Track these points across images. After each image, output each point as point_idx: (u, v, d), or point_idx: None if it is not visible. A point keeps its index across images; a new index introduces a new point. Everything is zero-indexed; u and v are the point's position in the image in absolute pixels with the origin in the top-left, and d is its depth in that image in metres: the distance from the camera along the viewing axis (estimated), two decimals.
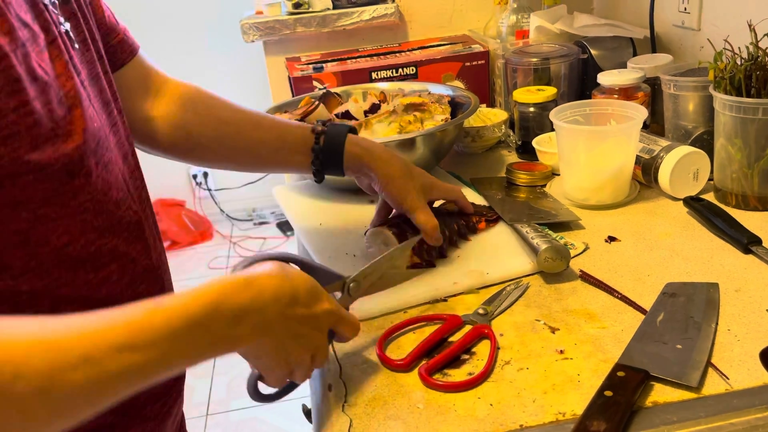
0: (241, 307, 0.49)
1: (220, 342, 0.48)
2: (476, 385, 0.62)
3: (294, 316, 0.53)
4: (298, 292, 0.54)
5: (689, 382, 0.58)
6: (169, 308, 0.45)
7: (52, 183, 0.53)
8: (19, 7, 0.52)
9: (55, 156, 0.53)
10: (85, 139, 0.56)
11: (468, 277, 0.79)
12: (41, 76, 0.52)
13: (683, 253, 0.80)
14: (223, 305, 0.48)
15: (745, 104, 0.84)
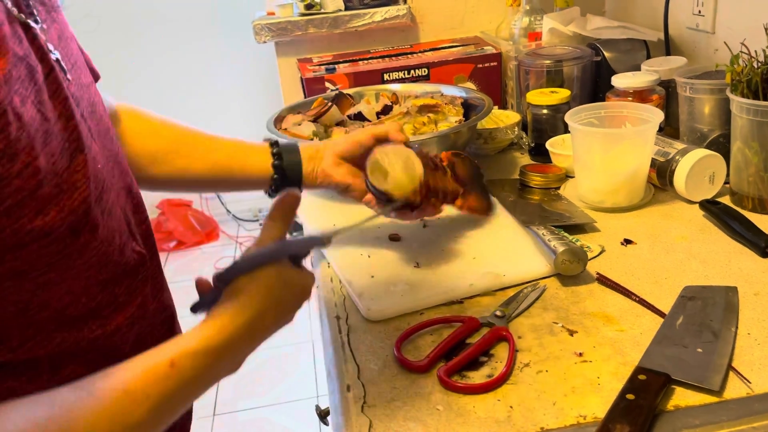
0: (244, 354, 0.53)
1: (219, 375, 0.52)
2: (496, 387, 0.61)
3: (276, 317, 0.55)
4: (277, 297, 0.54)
5: (711, 385, 0.58)
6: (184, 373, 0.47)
7: (57, 246, 0.48)
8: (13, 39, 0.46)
9: (60, 216, 0.47)
10: (89, 189, 0.50)
11: (484, 278, 0.79)
12: (43, 123, 0.46)
13: (700, 257, 0.80)
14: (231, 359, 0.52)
15: (762, 107, 0.84)
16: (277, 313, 0.54)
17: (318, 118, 1.10)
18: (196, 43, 3.02)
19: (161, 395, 0.46)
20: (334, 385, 0.65)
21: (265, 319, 0.53)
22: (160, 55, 3.00)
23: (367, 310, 0.75)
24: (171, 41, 2.99)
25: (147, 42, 2.93)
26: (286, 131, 1.06)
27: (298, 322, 2.47)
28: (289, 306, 0.56)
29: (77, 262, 0.50)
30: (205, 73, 3.07)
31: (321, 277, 0.86)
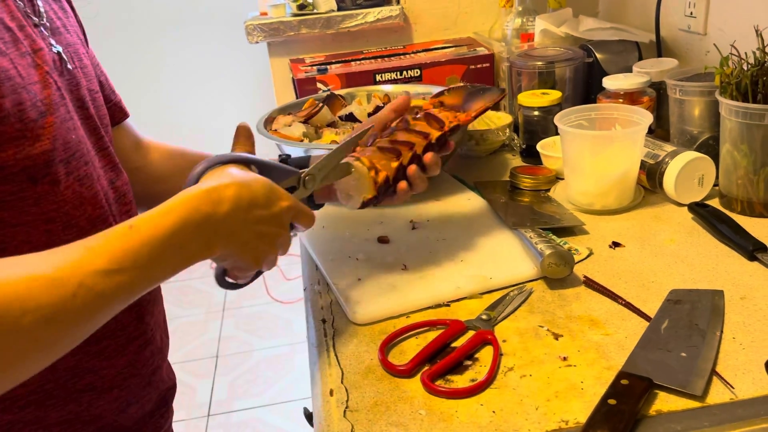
0: (204, 218, 0.52)
1: (193, 255, 0.52)
2: (479, 391, 0.61)
3: (255, 218, 0.57)
4: (256, 196, 0.57)
5: (693, 390, 0.57)
6: (143, 230, 0.49)
7: (11, 186, 0.52)
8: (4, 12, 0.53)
9: (16, 158, 0.51)
10: (54, 147, 0.54)
11: (471, 281, 0.79)
12: (14, 77, 0.52)
13: (688, 260, 0.80)
14: (189, 220, 0.51)
15: (751, 110, 0.83)
16: (244, 201, 0.56)
17: (309, 119, 1.10)
18: (189, 43, 3.02)
19: (122, 251, 0.47)
20: (317, 389, 0.65)
21: (226, 197, 0.55)
22: (153, 55, 3.00)
23: (354, 314, 0.75)
24: (163, 41, 2.98)
25: (139, 42, 2.93)
26: (276, 132, 1.06)
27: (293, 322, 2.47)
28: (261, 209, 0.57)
29: (33, 209, 0.54)
30: (198, 74, 3.07)
31: (308, 279, 0.86)
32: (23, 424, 0.57)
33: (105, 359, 0.61)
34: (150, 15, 2.90)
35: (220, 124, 3.16)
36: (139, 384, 0.66)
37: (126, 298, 0.48)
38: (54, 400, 0.58)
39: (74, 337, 0.45)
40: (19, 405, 0.56)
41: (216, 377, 2.27)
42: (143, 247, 0.48)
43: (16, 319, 0.40)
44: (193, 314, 2.64)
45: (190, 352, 2.41)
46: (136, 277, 0.48)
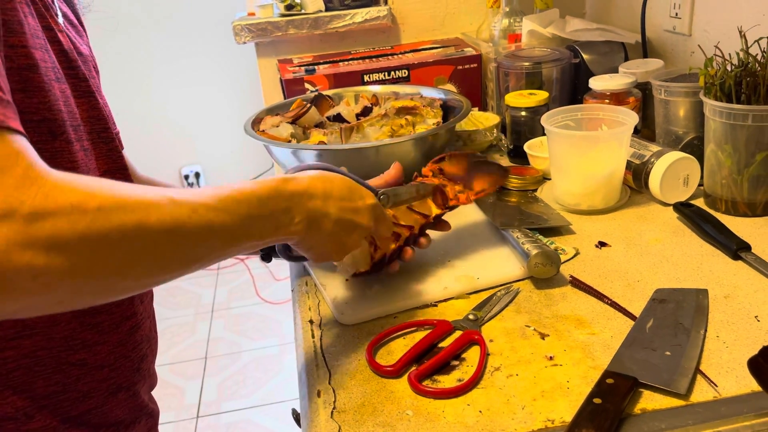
0: (292, 197, 0.56)
1: (279, 227, 0.55)
2: (466, 391, 0.61)
3: (339, 208, 0.61)
4: (339, 189, 0.61)
5: (678, 389, 0.58)
6: (243, 189, 0.52)
7: (33, 135, 0.53)
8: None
9: (39, 108, 0.53)
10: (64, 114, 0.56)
11: (458, 282, 0.79)
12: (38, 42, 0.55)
13: (673, 259, 0.81)
14: (281, 194, 0.55)
15: (735, 110, 0.84)
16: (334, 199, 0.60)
17: (296, 120, 1.10)
18: (177, 44, 3.00)
19: (228, 197, 0.50)
20: (305, 390, 0.65)
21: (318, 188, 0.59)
22: (140, 55, 2.98)
23: (341, 315, 0.75)
24: (150, 41, 2.97)
25: (127, 42, 2.91)
26: (264, 133, 1.06)
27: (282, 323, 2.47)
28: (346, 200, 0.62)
29: (50, 162, 0.55)
30: (186, 74, 3.05)
31: (296, 280, 0.86)
32: (12, 389, 0.56)
33: (99, 333, 0.62)
34: (137, 15, 2.89)
35: (208, 124, 3.16)
36: (129, 368, 0.66)
37: (226, 243, 0.50)
38: (43, 367, 0.58)
39: (183, 259, 0.47)
40: (8, 367, 0.56)
41: (205, 378, 2.26)
42: (243, 202, 0.51)
43: (142, 217, 0.42)
44: (181, 315, 2.63)
45: (178, 353, 2.40)
46: (236, 226, 0.50)
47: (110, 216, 0.40)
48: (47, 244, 0.37)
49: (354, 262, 0.77)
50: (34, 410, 0.58)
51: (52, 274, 0.38)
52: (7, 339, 0.55)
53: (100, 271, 0.40)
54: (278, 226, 0.55)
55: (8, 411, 0.56)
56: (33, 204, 0.37)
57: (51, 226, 0.38)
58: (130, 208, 0.42)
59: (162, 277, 0.46)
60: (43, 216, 0.37)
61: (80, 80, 0.61)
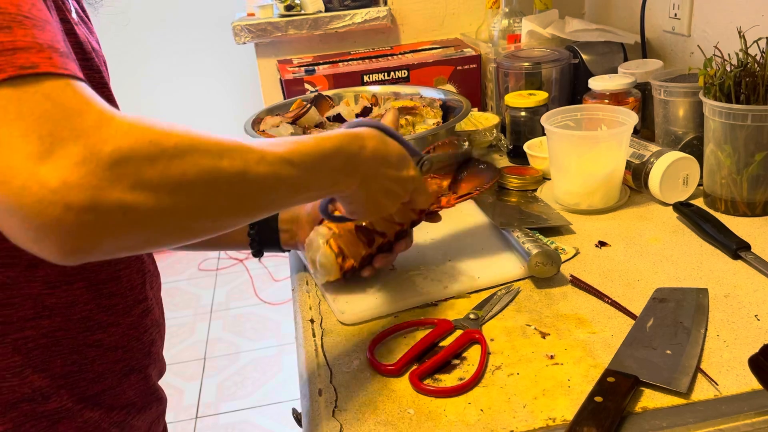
0: (352, 154, 0.58)
1: (337, 181, 0.57)
2: (467, 390, 0.62)
3: (385, 174, 0.62)
4: (391, 155, 0.63)
5: (678, 387, 0.58)
6: (310, 143, 0.54)
7: None
8: None
9: None
10: None
11: (459, 281, 0.79)
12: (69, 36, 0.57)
13: (673, 259, 0.81)
14: (342, 149, 0.57)
15: (734, 110, 0.84)
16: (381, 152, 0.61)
17: (296, 120, 1.10)
18: (176, 44, 3.00)
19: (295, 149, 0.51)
20: (306, 389, 0.65)
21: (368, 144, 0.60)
22: (140, 56, 2.98)
23: (341, 314, 0.75)
24: (150, 41, 2.97)
25: (127, 42, 2.91)
26: (264, 133, 1.06)
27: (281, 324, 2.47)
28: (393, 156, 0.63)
29: None
30: (186, 74, 3.05)
31: (296, 279, 0.86)
32: (32, 369, 0.57)
33: (113, 315, 0.63)
34: (137, 15, 2.89)
35: (208, 124, 3.15)
36: (140, 351, 0.67)
37: (289, 192, 0.52)
38: (61, 348, 0.59)
39: (251, 204, 0.48)
40: (29, 346, 0.57)
41: (204, 379, 2.26)
42: (309, 155, 0.53)
43: (215, 158, 0.43)
44: (180, 316, 2.62)
45: (177, 354, 2.39)
46: (300, 177, 0.52)
47: (186, 156, 0.42)
48: (132, 180, 0.38)
49: (325, 271, 0.77)
50: (52, 390, 0.59)
51: (139, 210, 0.39)
52: (27, 319, 0.56)
53: (181, 208, 0.42)
54: (335, 182, 0.57)
55: (26, 391, 0.57)
56: (115, 142, 0.38)
57: (133, 163, 0.39)
58: (204, 149, 0.43)
59: (235, 219, 0.47)
60: (126, 153, 0.38)
61: (95, 72, 0.62)
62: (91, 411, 0.62)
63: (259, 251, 0.85)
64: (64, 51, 0.42)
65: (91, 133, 0.38)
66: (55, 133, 0.37)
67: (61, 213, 0.36)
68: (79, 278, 0.59)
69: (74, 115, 0.38)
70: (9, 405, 0.57)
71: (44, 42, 0.41)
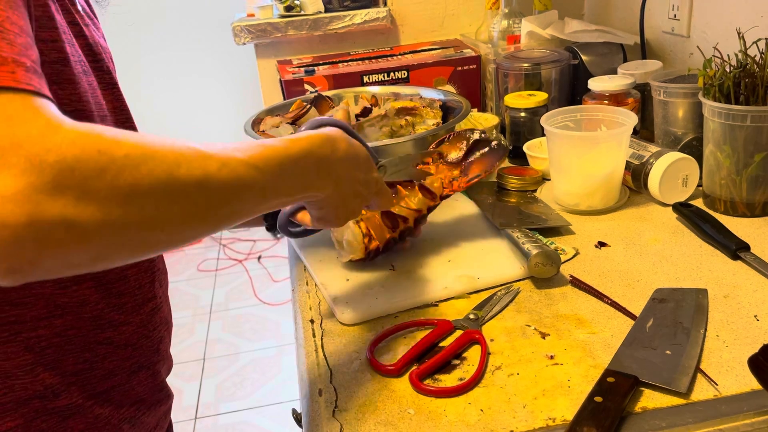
0: (323, 157, 0.56)
1: (308, 185, 0.56)
2: (467, 390, 0.62)
3: (355, 177, 0.61)
4: (359, 158, 0.62)
5: (678, 387, 0.58)
6: (275, 147, 0.52)
7: None
8: None
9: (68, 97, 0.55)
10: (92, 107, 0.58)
11: (459, 281, 0.79)
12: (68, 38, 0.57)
13: (672, 259, 0.81)
14: (312, 152, 0.55)
15: (733, 111, 0.85)
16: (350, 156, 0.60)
17: (296, 121, 1.10)
18: (176, 44, 3.01)
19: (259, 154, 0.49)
20: (306, 390, 0.65)
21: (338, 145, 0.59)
22: (140, 56, 2.98)
23: (342, 314, 0.75)
24: (150, 42, 2.97)
25: (126, 42, 2.91)
26: (264, 134, 1.06)
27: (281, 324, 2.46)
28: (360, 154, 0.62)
29: None
30: (186, 75, 3.06)
31: (296, 280, 0.86)
32: (44, 366, 0.58)
33: (123, 314, 0.63)
34: (137, 16, 2.89)
35: (208, 125, 3.16)
36: (149, 348, 0.68)
37: (256, 199, 0.50)
38: (73, 346, 0.59)
39: (213, 215, 0.46)
40: (41, 345, 0.58)
41: (203, 380, 2.26)
42: (275, 159, 0.51)
43: (171, 167, 0.41)
44: (180, 317, 2.62)
45: (176, 354, 2.38)
46: (266, 183, 0.50)
47: (138, 165, 0.40)
48: (77, 193, 0.37)
49: (350, 250, 0.81)
50: (63, 387, 0.59)
51: (84, 224, 0.37)
52: (40, 318, 0.57)
53: (132, 221, 0.40)
54: (307, 185, 0.55)
55: (38, 389, 0.58)
56: (59, 152, 0.37)
57: (79, 174, 0.37)
58: (158, 157, 0.41)
59: (195, 231, 0.45)
60: (71, 163, 0.37)
61: (104, 72, 0.62)
62: (101, 407, 0.62)
63: (273, 225, 0.84)
64: (30, 66, 0.40)
65: (34, 142, 0.36)
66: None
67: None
68: (88, 278, 0.59)
69: (19, 124, 0.36)
70: (20, 402, 0.57)
71: (9, 56, 0.39)
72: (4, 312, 0.55)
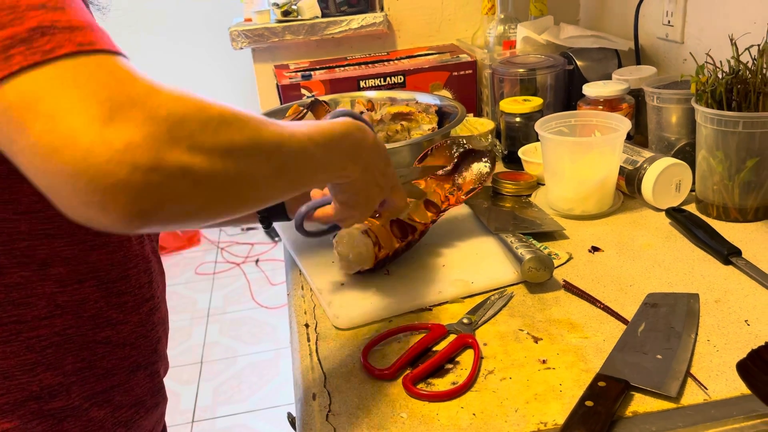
0: (357, 141, 0.59)
1: (344, 165, 0.58)
2: (459, 394, 0.62)
3: (380, 168, 0.64)
4: (381, 149, 0.64)
5: (668, 392, 0.59)
6: (325, 126, 0.56)
7: None
8: None
9: None
10: None
11: (453, 286, 0.80)
12: None
13: (665, 264, 0.82)
14: (350, 135, 0.59)
15: (725, 117, 0.85)
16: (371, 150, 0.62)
17: None
18: (173, 49, 3.01)
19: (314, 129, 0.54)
20: (300, 394, 0.66)
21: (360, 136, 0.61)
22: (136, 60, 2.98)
23: (336, 318, 0.76)
24: (147, 46, 2.97)
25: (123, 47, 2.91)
26: None
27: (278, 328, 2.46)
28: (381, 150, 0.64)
29: None
30: (182, 80, 3.06)
31: (291, 284, 0.87)
32: (43, 366, 0.59)
33: (122, 313, 0.64)
34: (134, 20, 2.89)
35: None
36: (147, 348, 0.68)
37: (313, 170, 0.53)
38: (72, 345, 0.60)
39: (288, 176, 0.49)
40: (42, 344, 0.58)
41: (200, 383, 2.26)
42: (326, 137, 0.55)
43: (257, 128, 0.45)
44: (177, 320, 2.62)
45: (174, 358, 2.38)
46: (321, 157, 0.54)
47: (231, 122, 0.43)
48: (188, 143, 0.40)
49: (360, 260, 0.81)
50: (61, 387, 0.60)
51: (196, 172, 0.40)
52: (41, 318, 0.58)
53: (232, 173, 0.43)
54: (344, 166, 0.58)
55: (35, 389, 0.59)
56: (168, 107, 0.39)
57: (188, 127, 0.40)
58: (245, 119, 0.45)
59: (276, 190, 0.49)
60: (180, 117, 0.40)
61: None
62: (99, 408, 0.63)
63: (268, 222, 0.86)
64: (107, 33, 0.44)
65: (145, 99, 0.39)
66: (113, 98, 0.38)
67: (128, 173, 0.37)
68: (90, 277, 0.60)
69: (127, 83, 0.39)
70: (17, 403, 0.58)
71: (92, 23, 0.42)
72: (6, 312, 0.56)
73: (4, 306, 0.56)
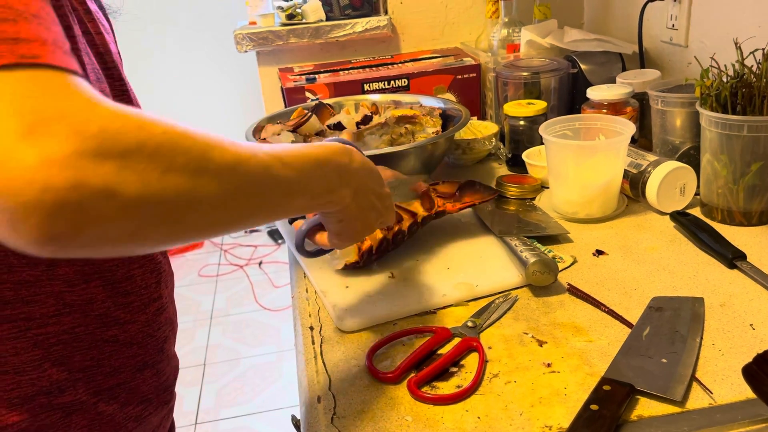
0: (341, 165, 0.58)
1: (329, 190, 0.56)
2: (464, 398, 0.62)
3: (371, 189, 0.62)
4: (373, 171, 0.63)
5: (673, 396, 0.59)
6: (299, 149, 0.53)
7: None
8: None
9: None
10: None
11: (457, 289, 0.80)
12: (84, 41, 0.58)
13: (669, 268, 0.81)
14: (332, 158, 0.57)
15: (730, 121, 0.85)
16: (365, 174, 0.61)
17: (297, 128, 1.11)
18: (178, 52, 3.02)
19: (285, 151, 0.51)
20: (305, 396, 0.66)
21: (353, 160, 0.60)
22: (141, 63, 2.99)
23: (341, 321, 0.76)
24: (151, 49, 2.98)
25: (127, 50, 2.93)
26: (265, 141, 1.07)
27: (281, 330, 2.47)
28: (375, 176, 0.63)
29: None
30: (187, 83, 3.07)
31: (296, 286, 0.87)
32: (51, 362, 0.60)
33: (129, 313, 0.65)
34: (138, 23, 2.90)
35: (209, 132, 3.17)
36: (154, 347, 0.69)
37: (283, 192, 0.50)
38: (80, 343, 0.61)
39: (242, 205, 0.46)
40: (50, 341, 0.59)
41: (203, 385, 2.27)
42: (300, 157, 0.52)
43: (206, 149, 0.42)
44: (180, 322, 2.62)
45: None
46: (292, 178, 0.50)
47: (176, 142, 0.40)
48: (119, 162, 0.37)
49: (343, 253, 0.81)
50: (69, 383, 0.61)
51: (124, 195, 0.37)
52: (49, 316, 0.58)
53: (169, 196, 0.40)
54: (329, 189, 0.56)
55: (44, 384, 0.59)
56: (101, 123, 0.37)
57: (120, 145, 0.37)
58: (194, 138, 0.42)
59: (225, 216, 0.45)
60: (112, 134, 0.37)
61: (115, 80, 0.63)
62: (106, 404, 0.63)
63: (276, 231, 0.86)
64: (67, 50, 0.41)
65: (76, 114, 0.37)
66: (38, 111, 0.35)
67: (39, 191, 0.34)
68: (96, 277, 0.61)
69: (61, 98, 0.37)
70: (27, 397, 0.59)
71: (48, 38, 0.40)
72: (15, 309, 0.57)
73: (13, 303, 0.57)
